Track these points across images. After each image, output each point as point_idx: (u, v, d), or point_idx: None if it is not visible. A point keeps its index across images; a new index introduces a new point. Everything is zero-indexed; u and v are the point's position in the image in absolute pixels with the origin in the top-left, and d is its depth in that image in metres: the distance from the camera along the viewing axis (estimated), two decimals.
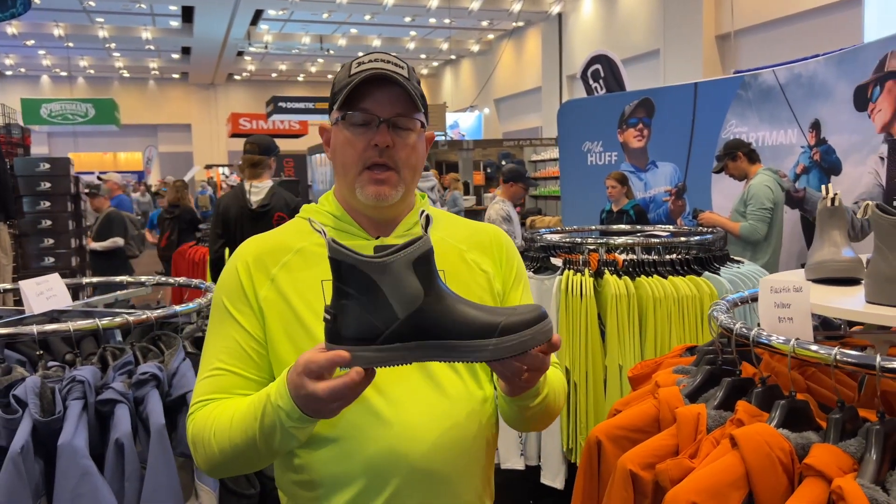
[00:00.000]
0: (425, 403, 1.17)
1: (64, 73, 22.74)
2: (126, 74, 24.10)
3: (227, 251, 3.96)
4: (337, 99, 1.22)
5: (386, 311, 0.90)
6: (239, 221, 3.97)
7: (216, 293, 1.27)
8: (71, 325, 1.72)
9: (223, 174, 21.27)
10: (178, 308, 1.97)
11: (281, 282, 1.21)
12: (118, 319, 1.83)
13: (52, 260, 4.81)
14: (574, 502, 1.41)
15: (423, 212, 0.95)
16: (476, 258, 1.29)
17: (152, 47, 19.59)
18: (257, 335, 1.20)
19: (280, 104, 18.16)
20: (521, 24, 17.61)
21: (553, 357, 1.26)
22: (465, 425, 1.20)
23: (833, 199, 1.52)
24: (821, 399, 1.39)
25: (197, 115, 25.65)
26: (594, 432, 1.39)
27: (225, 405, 1.15)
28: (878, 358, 1.08)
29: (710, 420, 1.26)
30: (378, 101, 1.18)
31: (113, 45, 19.39)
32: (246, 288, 1.21)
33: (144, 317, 1.85)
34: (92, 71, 23.25)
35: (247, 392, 1.15)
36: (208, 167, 22.59)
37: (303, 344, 1.14)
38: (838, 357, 1.13)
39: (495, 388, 1.25)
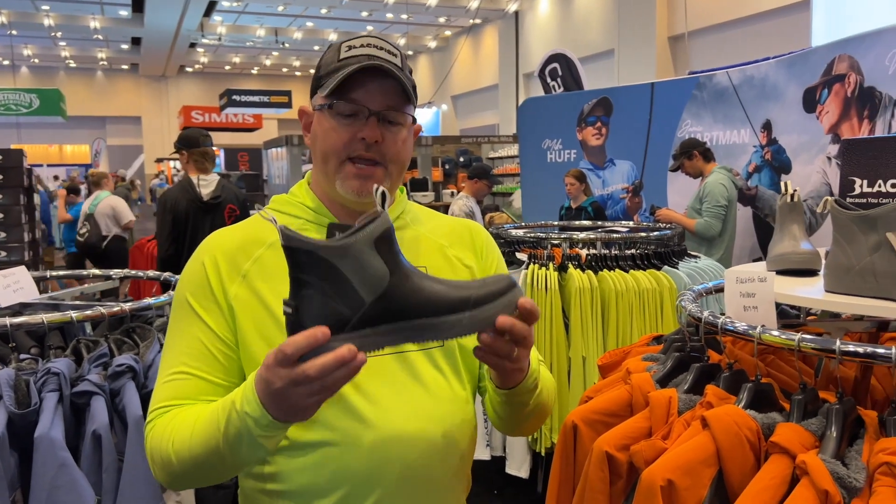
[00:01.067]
0: (411, 404, 1.10)
1: (6, 62, 21.95)
2: (73, 64, 23.39)
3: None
4: (323, 83, 1.13)
5: (351, 297, 0.84)
6: (190, 215, 3.88)
7: (179, 289, 1.16)
8: (45, 318, 1.70)
9: (174, 168, 20.85)
10: (150, 300, 1.96)
11: (254, 278, 1.12)
12: (89, 311, 1.82)
13: (3, 254, 4.68)
14: (551, 484, 1.46)
15: (377, 187, 0.87)
16: (458, 253, 1.25)
17: (100, 37, 19.04)
18: (225, 336, 1.11)
19: (234, 97, 17.84)
20: (478, 21, 17.69)
21: (537, 354, 1.25)
22: (455, 428, 1.14)
23: (792, 195, 1.60)
24: (780, 384, 1.48)
25: (147, 107, 25.05)
26: (570, 417, 1.44)
27: (186, 413, 1.05)
28: (838, 342, 1.16)
29: (681, 403, 1.33)
30: (369, 92, 1.10)
31: (59, 34, 18.79)
32: (213, 285, 1.12)
33: (118, 309, 1.84)
34: (36, 60, 22.50)
35: (212, 398, 1.06)
36: (159, 160, 22.10)
37: (279, 344, 1.10)
38: (801, 342, 1.21)
39: (484, 393, 1.22)
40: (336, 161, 1.12)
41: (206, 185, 3.95)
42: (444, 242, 1.25)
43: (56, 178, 19.59)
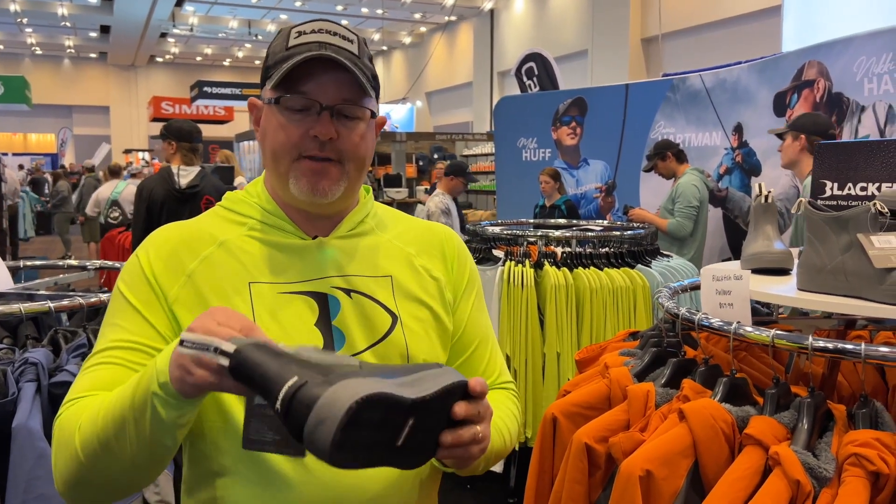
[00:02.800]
0: None
1: None
2: (39, 52, 22.92)
3: None
4: (270, 74, 1.02)
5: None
6: (165, 204, 3.83)
7: (117, 283, 1.04)
8: (22, 307, 1.69)
9: (143, 159, 20.54)
10: None
11: (199, 280, 1.01)
12: (67, 301, 1.81)
13: None
14: (530, 474, 1.49)
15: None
16: (426, 263, 1.14)
17: (68, 24, 18.69)
18: (165, 333, 0.99)
19: (205, 89, 17.66)
20: (453, 18, 17.71)
21: (504, 373, 1.20)
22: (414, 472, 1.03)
23: (766, 197, 1.65)
24: (752, 379, 1.52)
25: (116, 96, 24.65)
26: (550, 409, 1.47)
27: (99, 398, 0.92)
28: (810, 338, 1.21)
29: (659, 397, 1.37)
30: (320, 84, 0.99)
31: (25, 20, 18.39)
32: (153, 284, 1.00)
33: (96, 299, 1.83)
34: (1, 47, 22.00)
35: None
36: (127, 151, 21.75)
37: None
38: (775, 338, 1.25)
39: None
40: (287, 160, 1.02)
41: (186, 175, 3.91)
42: (411, 250, 1.14)
43: (21, 167, 19.17)
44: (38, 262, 2.36)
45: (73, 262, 2.33)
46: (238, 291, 1.01)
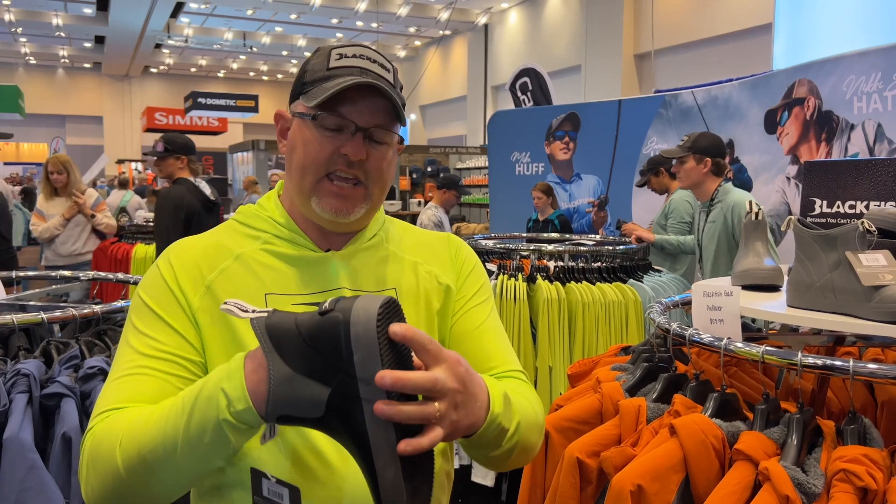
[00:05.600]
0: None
1: None
2: (32, 61, 22.89)
3: None
4: (307, 91, 1.05)
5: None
6: (198, 215, 3.99)
7: (138, 294, 1.04)
8: (15, 318, 1.68)
9: (136, 170, 20.49)
10: (122, 303, 1.95)
11: (218, 291, 1.03)
12: (59, 313, 1.80)
13: None
14: (522, 488, 1.49)
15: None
16: (433, 269, 1.16)
17: (63, 34, 18.69)
18: (194, 342, 1.00)
19: (199, 100, 17.65)
20: (448, 32, 17.81)
21: (513, 362, 1.15)
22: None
23: (757, 214, 1.67)
24: (741, 395, 1.53)
25: (109, 107, 24.62)
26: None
27: (138, 411, 0.91)
28: (800, 355, 1.22)
29: (650, 412, 1.38)
30: (357, 108, 1.03)
31: (19, 30, 18.38)
32: (175, 292, 1.02)
33: (89, 311, 1.83)
34: None
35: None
36: (120, 162, 21.71)
37: None
38: (765, 354, 1.26)
39: None
40: (314, 176, 1.04)
41: (205, 187, 4.06)
42: (417, 259, 1.16)
43: (13, 179, 19.09)
44: (30, 273, 2.36)
45: (66, 272, 2.32)
46: (255, 302, 1.01)
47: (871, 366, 1.17)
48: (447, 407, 0.80)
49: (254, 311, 0.85)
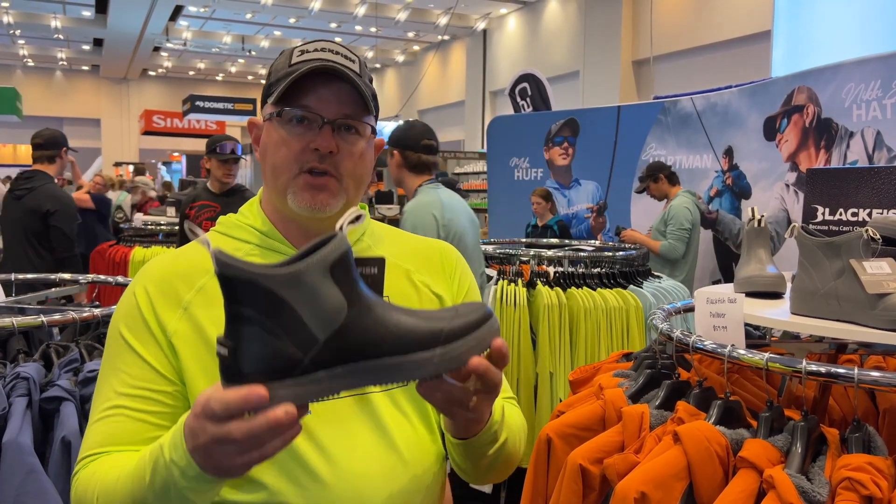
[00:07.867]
0: (371, 459, 0.99)
1: None
2: (31, 63, 22.87)
3: None
4: (272, 91, 1.02)
5: (302, 334, 0.70)
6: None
7: (112, 322, 1.03)
8: (14, 321, 1.68)
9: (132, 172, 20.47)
10: None
11: (196, 311, 0.99)
12: (59, 316, 1.79)
13: None
14: (524, 496, 1.48)
15: (351, 214, 0.77)
16: (426, 279, 1.14)
17: (61, 37, 18.68)
18: (166, 372, 0.98)
19: (198, 103, 17.66)
20: (446, 37, 17.85)
21: (508, 392, 1.17)
22: (420, 485, 1.03)
23: (759, 221, 1.67)
24: (744, 402, 1.53)
25: (107, 109, 24.59)
26: (545, 430, 1.47)
27: (114, 460, 0.93)
28: (804, 362, 1.22)
29: (653, 419, 1.37)
30: (323, 99, 1.00)
31: (18, 32, 18.37)
32: (149, 320, 0.99)
33: (89, 314, 1.82)
34: None
35: (151, 440, 0.92)
36: (117, 164, 21.69)
37: None
38: (769, 361, 1.26)
39: (442, 436, 1.08)
40: (288, 174, 1.01)
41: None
42: (409, 267, 1.13)
43: (9, 178, 19.05)
44: (29, 276, 2.35)
45: (65, 275, 2.32)
46: None
47: (875, 374, 1.17)
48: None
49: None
